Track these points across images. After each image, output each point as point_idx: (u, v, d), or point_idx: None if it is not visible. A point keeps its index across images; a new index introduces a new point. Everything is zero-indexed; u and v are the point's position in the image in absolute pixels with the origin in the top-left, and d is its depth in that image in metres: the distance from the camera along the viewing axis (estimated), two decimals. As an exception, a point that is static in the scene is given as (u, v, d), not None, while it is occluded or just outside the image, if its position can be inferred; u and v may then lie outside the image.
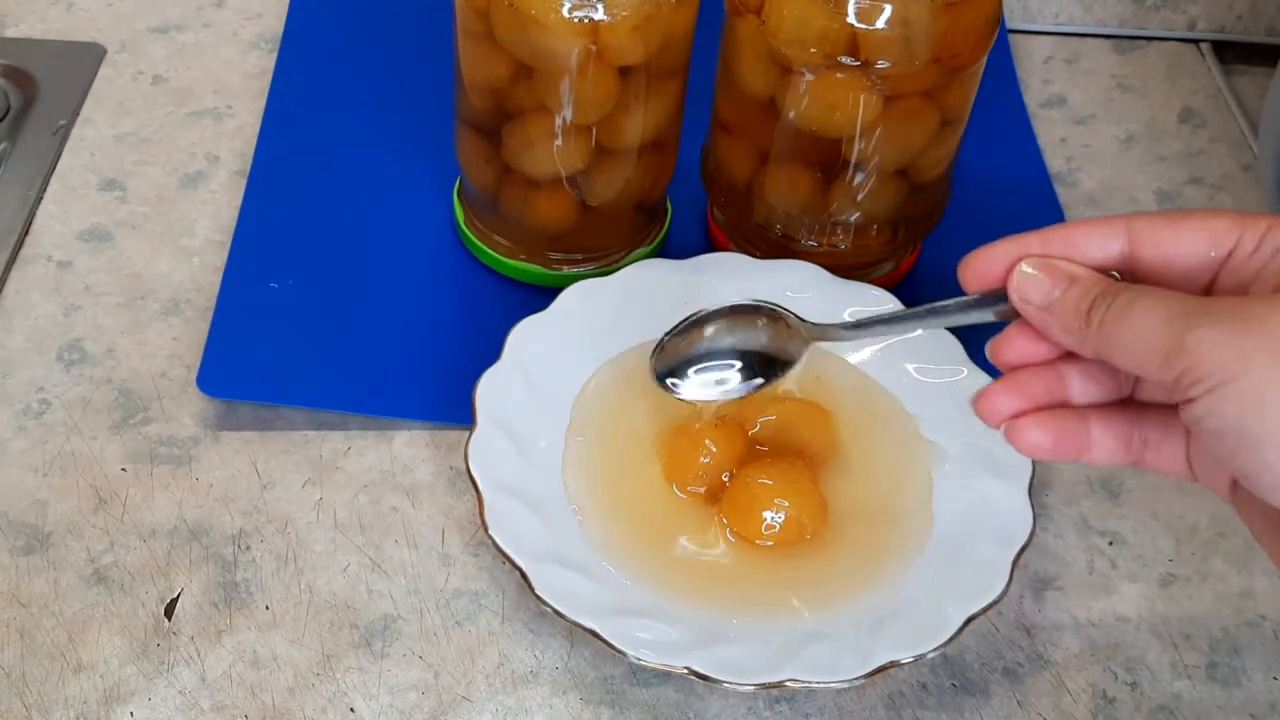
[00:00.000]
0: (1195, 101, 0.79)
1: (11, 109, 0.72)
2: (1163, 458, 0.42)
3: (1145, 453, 0.42)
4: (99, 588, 0.53)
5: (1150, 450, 0.42)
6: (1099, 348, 0.40)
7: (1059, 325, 0.41)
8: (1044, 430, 0.42)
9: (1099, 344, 0.39)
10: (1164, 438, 0.42)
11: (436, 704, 0.50)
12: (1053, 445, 0.42)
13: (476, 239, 0.64)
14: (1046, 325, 0.41)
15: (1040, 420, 0.42)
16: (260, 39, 0.78)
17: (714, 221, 0.67)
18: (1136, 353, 0.38)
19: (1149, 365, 0.38)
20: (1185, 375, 0.37)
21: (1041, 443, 0.42)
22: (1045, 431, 0.42)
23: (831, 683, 0.48)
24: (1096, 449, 0.42)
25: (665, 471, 0.55)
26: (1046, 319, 0.41)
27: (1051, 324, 0.41)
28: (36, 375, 0.60)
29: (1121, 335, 0.39)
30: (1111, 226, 0.42)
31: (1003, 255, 0.42)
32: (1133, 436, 0.42)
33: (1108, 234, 0.41)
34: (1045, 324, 0.41)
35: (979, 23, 0.56)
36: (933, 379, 0.58)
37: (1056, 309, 0.41)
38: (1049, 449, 0.42)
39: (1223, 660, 0.54)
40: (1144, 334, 0.38)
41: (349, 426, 0.59)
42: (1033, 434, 0.42)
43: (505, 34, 0.55)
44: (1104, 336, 0.39)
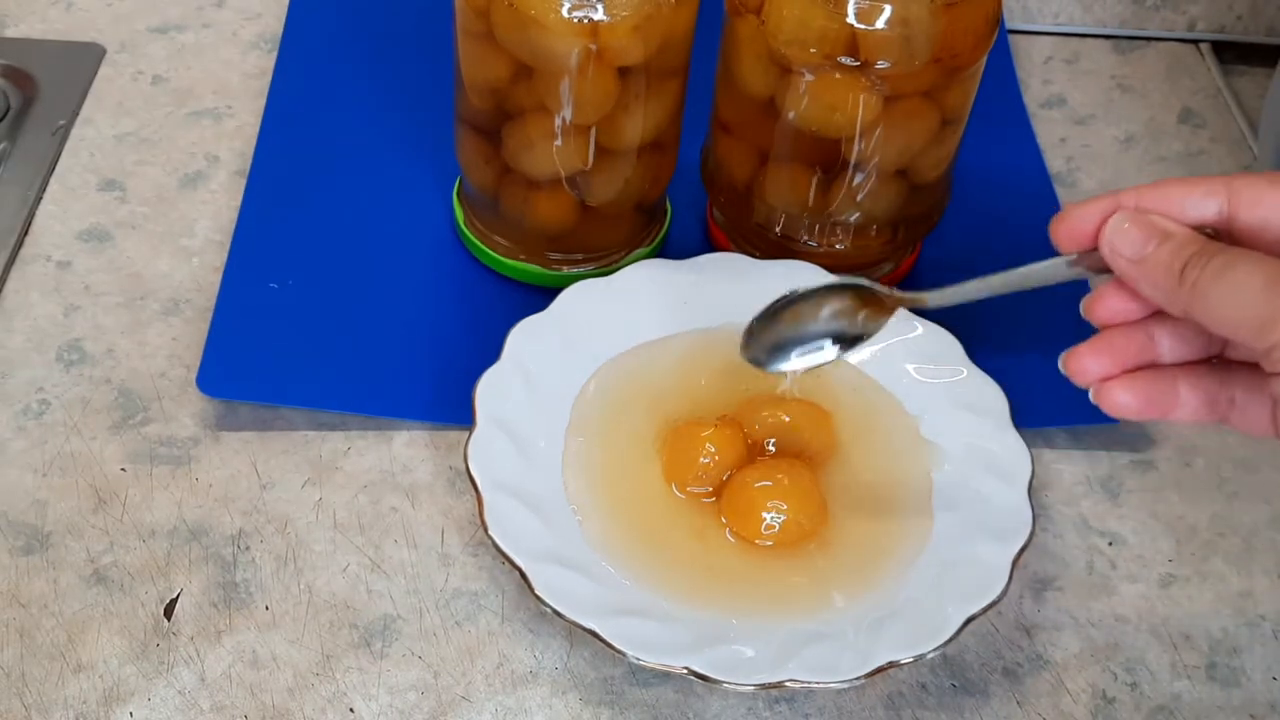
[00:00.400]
0: (1195, 102, 0.79)
1: (11, 109, 0.72)
2: (1248, 418, 0.42)
3: (1231, 412, 0.42)
4: (99, 588, 0.53)
5: (1236, 410, 0.42)
6: (1190, 308, 0.39)
7: (1150, 281, 0.40)
8: (1132, 393, 0.42)
9: (1190, 304, 0.39)
10: (1250, 398, 0.42)
11: (436, 704, 0.50)
12: (1141, 406, 0.42)
13: (476, 239, 0.64)
14: (1137, 281, 0.41)
15: (1127, 382, 0.42)
16: (260, 39, 0.78)
17: (714, 221, 0.67)
18: (1231, 317, 0.38)
19: (1243, 331, 0.38)
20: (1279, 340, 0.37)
21: (1129, 404, 0.42)
22: (1133, 394, 0.42)
23: (831, 683, 0.48)
24: (1182, 408, 0.42)
25: (665, 471, 0.55)
26: (1138, 274, 0.41)
27: (1142, 279, 0.41)
28: (36, 375, 0.60)
29: (1215, 298, 0.38)
30: (1210, 185, 0.41)
31: (1096, 211, 0.42)
32: (1219, 396, 0.42)
33: (1206, 192, 0.41)
34: (1136, 279, 0.41)
35: (979, 23, 0.56)
36: (933, 379, 0.58)
37: (1149, 264, 0.40)
38: (1136, 410, 0.42)
39: (1222, 660, 0.54)
40: (1240, 299, 0.38)
41: (349, 427, 0.59)
42: (1120, 395, 0.42)
43: (505, 34, 0.55)
44: (1196, 297, 0.39)
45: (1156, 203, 0.42)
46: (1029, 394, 0.58)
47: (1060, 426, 0.61)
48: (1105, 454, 0.60)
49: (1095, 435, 0.61)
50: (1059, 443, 0.60)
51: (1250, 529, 0.58)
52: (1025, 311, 0.64)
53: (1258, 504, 0.59)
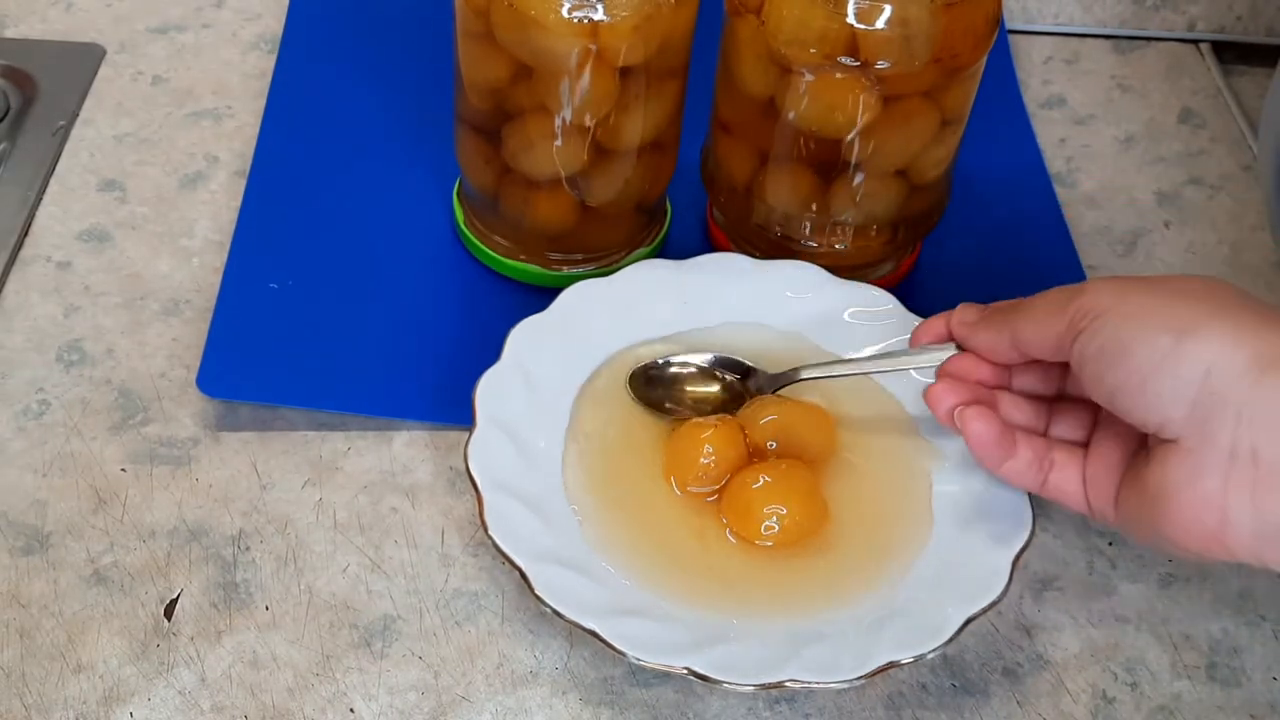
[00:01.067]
0: (1195, 102, 0.79)
1: (11, 109, 0.72)
2: (1063, 478, 0.49)
3: (1052, 472, 0.50)
4: (99, 588, 0.53)
5: (1055, 471, 0.50)
6: (1015, 329, 0.49)
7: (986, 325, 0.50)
8: (985, 422, 0.49)
9: (1015, 326, 0.49)
10: (1067, 462, 0.50)
11: (436, 704, 0.50)
12: (992, 436, 0.49)
13: (476, 239, 0.64)
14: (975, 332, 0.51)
15: (982, 413, 0.49)
16: (260, 39, 0.78)
17: (714, 221, 0.67)
18: (1044, 314, 0.48)
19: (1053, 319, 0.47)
20: (1077, 312, 0.46)
21: (983, 431, 0.49)
22: (986, 424, 0.49)
23: (831, 683, 0.48)
24: (1018, 459, 0.49)
25: (665, 471, 0.55)
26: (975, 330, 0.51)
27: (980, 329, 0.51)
28: (36, 376, 0.60)
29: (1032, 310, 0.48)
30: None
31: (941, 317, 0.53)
32: (1045, 457, 0.50)
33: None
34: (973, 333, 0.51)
35: (978, 23, 0.56)
36: (932, 380, 0.58)
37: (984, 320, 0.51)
38: (988, 438, 0.49)
39: (1222, 660, 0.54)
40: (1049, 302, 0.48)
41: (349, 427, 0.59)
42: (977, 423, 0.49)
43: (505, 34, 0.55)
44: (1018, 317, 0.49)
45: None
46: (1029, 394, 0.58)
47: (1060, 426, 0.61)
48: (1105, 454, 0.60)
49: (1095, 435, 0.61)
50: (1059, 443, 0.60)
51: (1250, 529, 0.58)
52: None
53: (1258, 504, 0.59)
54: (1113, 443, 0.49)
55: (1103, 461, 0.49)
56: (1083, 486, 0.49)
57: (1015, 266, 0.67)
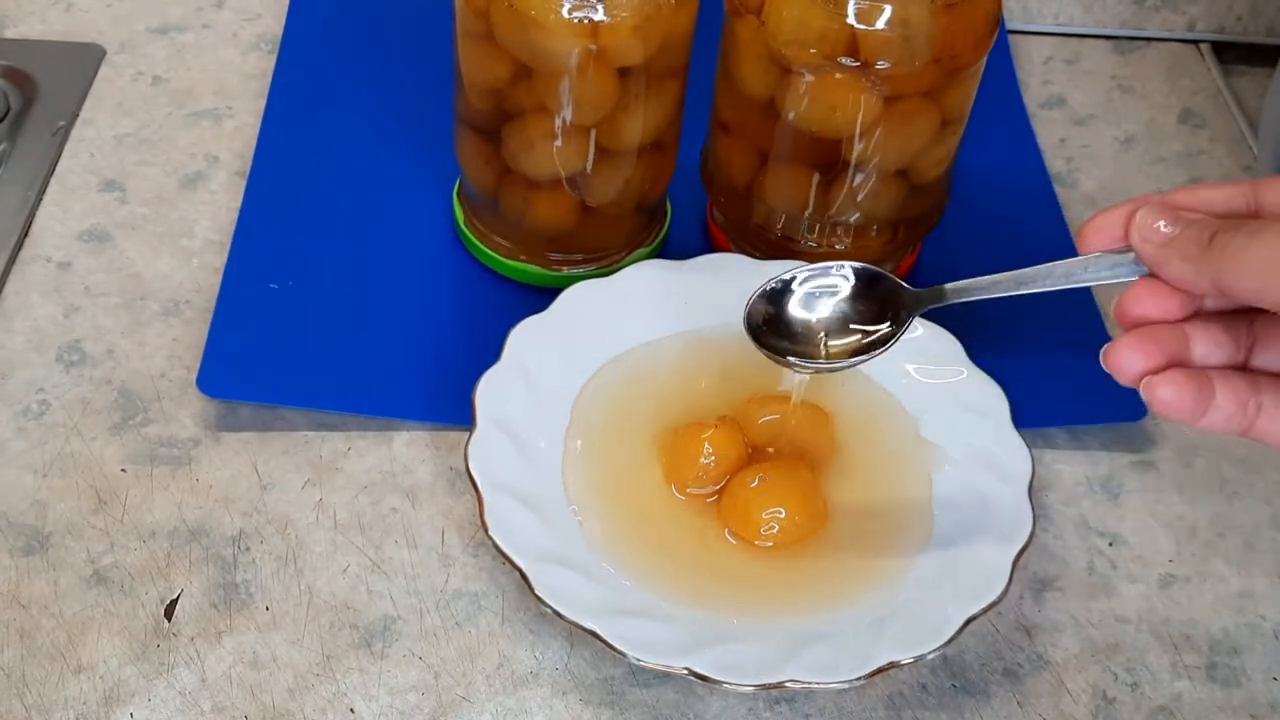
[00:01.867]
0: (1195, 102, 0.79)
1: (11, 110, 0.72)
2: (1276, 424, 0.43)
3: (1259, 418, 0.43)
4: (99, 589, 0.53)
5: (1264, 417, 0.43)
6: (1220, 275, 0.40)
7: (1179, 254, 0.41)
8: (1175, 388, 0.42)
9: (1221, 271, 0.40)
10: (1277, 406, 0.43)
11: (436, 704, 0.50)
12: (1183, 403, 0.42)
13: (476, 239, 0.64)
14: (1166, 260, 0.42)
15: (1171, 378, 0.42)
16: (260, 40, 0.78)
17: (714, 222, 0.67)
18: (1263, 274, 0.38)
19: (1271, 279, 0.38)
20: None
21: (1173, 400, 0.42)
22: (1176, 389, 0.42)
23: (831, 683, 0.48)
24: (1217, 410, 0.43)
25: (665, 472, 0.55)
26: (1167, 254, 0.41)
27: (1171, 257, 0.41)
28: (36, 376, 0.60)
29: (1248, 259, 0.39)
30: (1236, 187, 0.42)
31: (1121, 212, 0.43)
32: (1249, 401, 0.43)
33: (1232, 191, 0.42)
34: (1165, 260, 0.42)
35: (979, 23, 0.56)
36: (933, 379, 0.58)
37: (1178, 241, 0.41)
38: (1179, 406, 0.42)
39: (1223, 661, 0.54)
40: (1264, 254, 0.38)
41: (349, 427, 0.59)
42: (1164, 391, 0.42)
43: (505, 34, 0.55)
44: (1227, 262, 0.39)
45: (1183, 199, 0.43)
46: (1029, 394, 0.58)
47: (1060, 427, 0.61)
48: (1105, 454, 0.60)
49: (1095, 436, 0.61)
50: (1059, 443, 0.60)
51: (1251, 529, 0.58)
52: (1026, 312, 0.64)
53: (1258, 504, 0.59)
54: None
55: None
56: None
57: (1015, 267, 0.67)
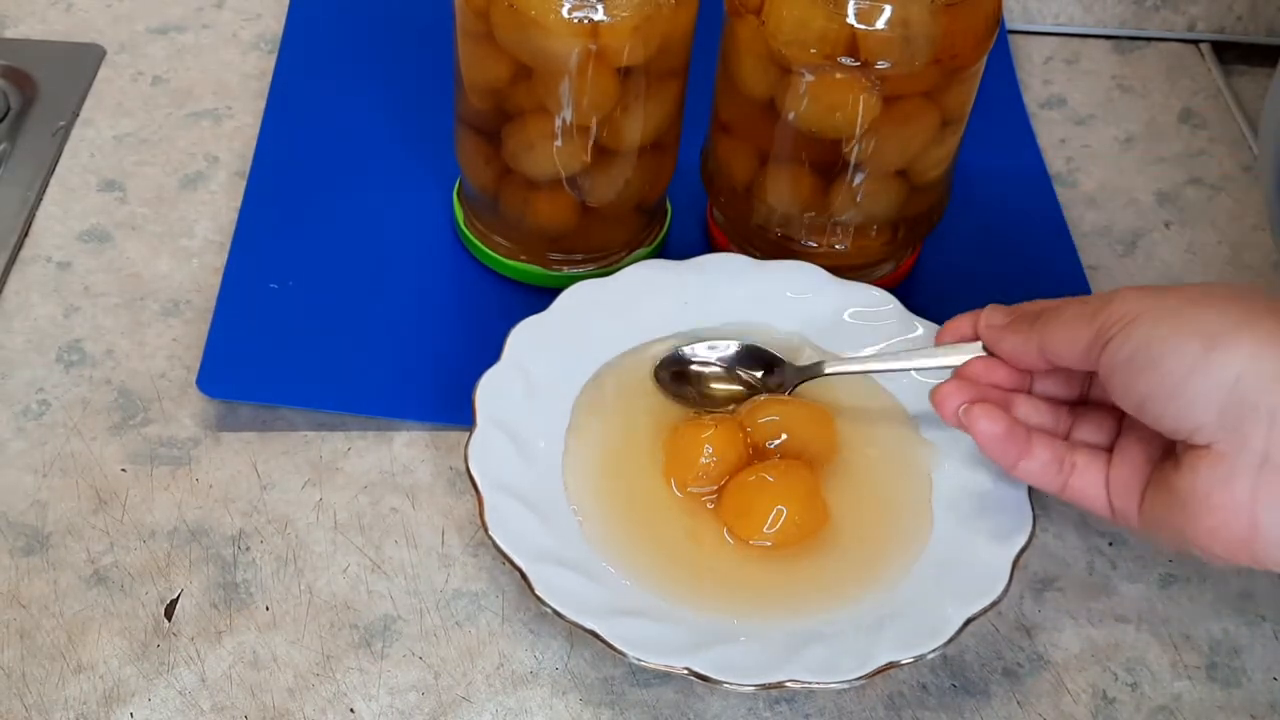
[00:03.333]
0: (1195, 102, 0.79)
1: (11, 110, 0.72)
2: (1085, 481, 0.49)
3: (1073, 476, 0.49)
4: (99, 588, 0.53)
5: (1077, 475, 0.49)
6: (1042, 339, 0.48)
7: (1012, 331, 0.50)
8: (991, 420, 0.49)
9: (1043, 334, 0.48)
10: (1089, 465, 0.49)
11: (436, 704, 0.50)
12: (1000, 434, 0.49)
13: (476, 239, 0.64)
14: (1002, 337, 0.51)
15: (989, 411, 0.49)
16: (260, 40, 0.78)
17: (714, 222, 0.67)
18: (1073, 323, 0.47)
19: (1082, 328, 0.47)
20: (1106, 320, 0.46)
21: (989, 430, 0.49)
22: (993, 421, 0.49)
23: (831, 683, 0.48)
24: (1033, 459, 0.49)
25: (665, 471, 0.55)
26: (1003, 333, 0.51)
27: (1006, 334, 0.50)
28: (36, 376, 0.60)
29: (1061, 318, 0.48)
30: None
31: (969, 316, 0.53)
32: (1065, 459, 0.49)
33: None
34: (1001, 337, 0.51)
35: (979, 23, 0.56)
36: (933, 380, 0.58)
37: (1012, 323, 0.50)
38: (996, 436, 0.49)
39: (1223, 661, 0.54)
40: (1078, 311, 0.47)
41: (349, 427, 0.59)
42: (982, 421, 0.49)
43: (505, 35, 0.55)
44: (1046, 325, 0.48)
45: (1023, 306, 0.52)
46: (1029, 394, 0.58)
47: (1060, 427, 0.61)
48: (1105, 454, 0.60)
49: (1095, 435, 0.61)
50: (1059, 443, 0.60)
51: (1250, 529, 0.58)
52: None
53: (1258, 504, 0.59)
54: (1138, 447, 0.48)
55: (1128, 466, 0.48)
56: (1105, 490, 0.49)
57: (1015, 267, 0.67)
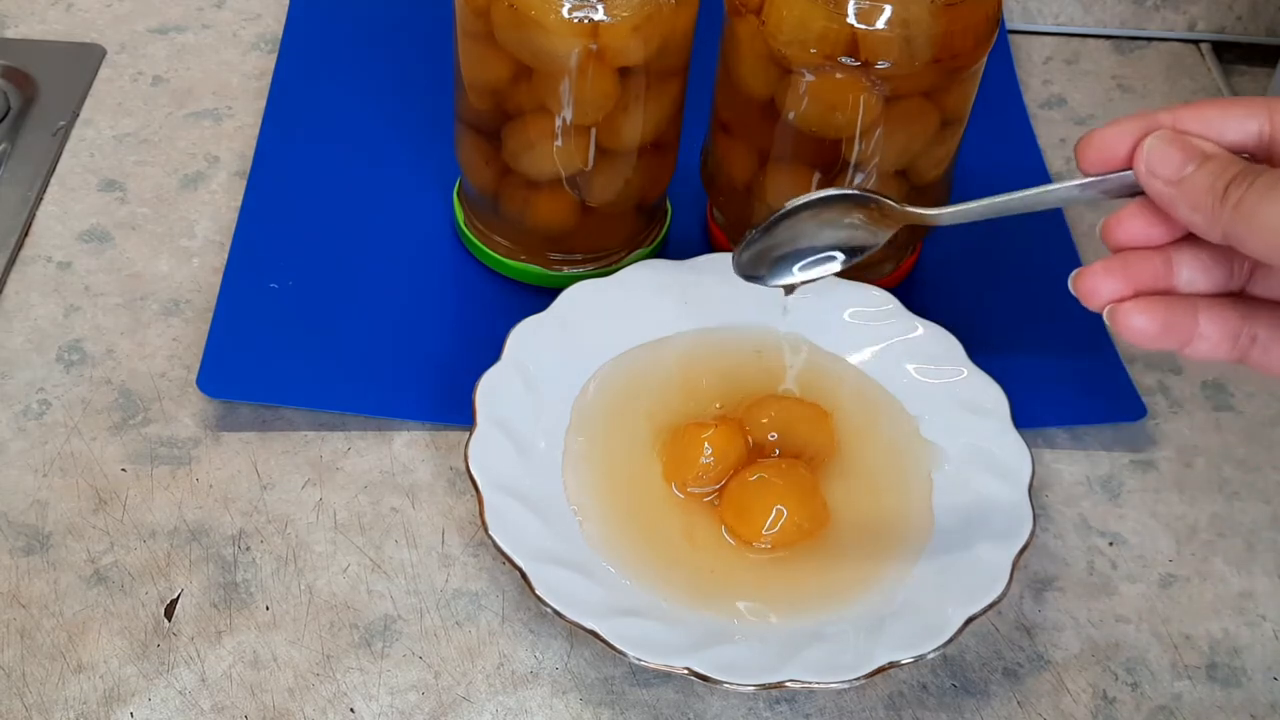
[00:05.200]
0: (1195, 102, 0.79)
1: (11, 110, 0.72)
2: (1271, 357, 0.41)
3: (1252, 350, 0.41)
4: (99, 588, 0.53)
5: (1258, 348, 0.41)
6: (1232, 230, 0.38)
7: (1190, 203, 0.39)
8: (1149, 316, 0.40)
9: (1233, 226, 0.38)
10: (1275, 337, 0.40)
11: (437, 704, 0.50)
12: (1158, 332, 0.40)
13: (476, 239, 0.64)
14: (1174, 202, 0.39)
15: (1145, 305, 0.40)
16: (260, 40, 0.78)
17: (714, 221, 0.67)
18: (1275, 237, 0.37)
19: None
20: None
21: (1146, 329, 0.40)
22: (1151, 317, 0.40)
23: (832, 683, 0.48)
24: (1201, 341, 0.41)
25: (665, 471, 0.55)
26: (1176, 195, 0.39)
27: (1182, 201, 0.39)
28: (36, 376, 0.60)
29: (1262, 217, 0.37)
30: (1251, 105, 0.40)
31: (1128, 131, 0.41)
32: (1241, 332, 0.41)
33: (1246, 113, 0.40)
34: (1173, 201, 0.39)
35: (979, 23, 0.56)
36: (933, 379, 0.58)
37: (1188, 184, 0.39)
38: (1154, 335, 0.40)
39: (1223, 661, 0.54)
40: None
41: (349, 427, 0.59)
42: (1137, 319, 0.40)
43: (505, 34, 0.55)
44: (1240, 217, 0.37)
45: (1193, 124, 0.40)
46: (1029, 394, 0.58)
47: (1060, 426, 0.61)
48: (1105, 454, 0.60)
49: (1095, 435, 0.61)
50: (1059, 443, 0.60)
51: (1251, 529, 0.58)
52: (1026, 311, 0.65)
53: (1258, 504, 0.59)
54: None
55: None
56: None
57: (1015, 266, 0.67)
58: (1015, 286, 0.66)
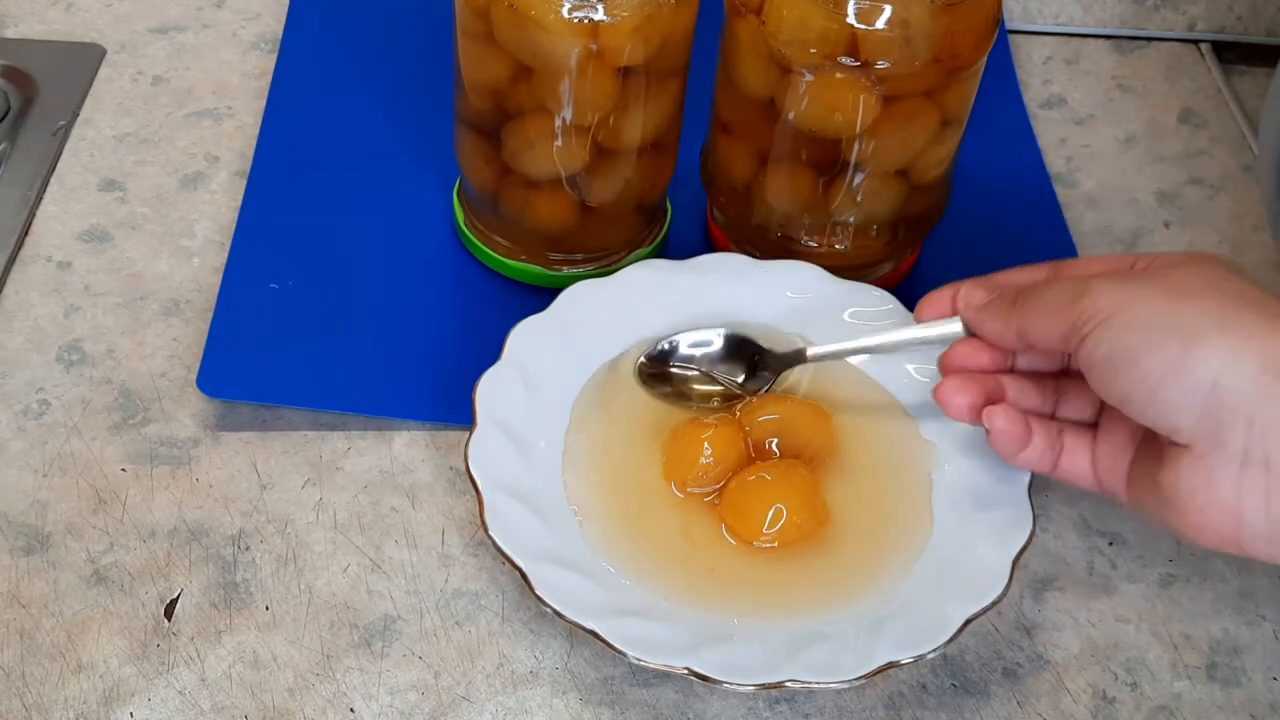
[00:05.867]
0: (1195, 102, 0.79)
1: (11, 109, 0.72)
2: (1073, 462, 0.50)
3: (1061, 457, 0.50)
4: (99, 588, 0.53)
5: (1065, 456, 0.50)
6: (1021, 324, 0.48)
7: (991, 314, 0.50)
8: (1008, 419, 0.49)
9: (1021, 320, 0.48)
10: (1076, 444, 0.50)
11: (436, 704, 0.50)
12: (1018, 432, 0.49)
13: (476, 239, 0.64)
14: (982, 320, 0.50)
15: (1004, 410, 0.50)
16: (260, 39, 0.78)
17: (714, 221, 0.67)
18: (1049, 312, 0.47)
19: (1058, 319, 0.46)
20: (1081, 315, 0.45)
21: (1006, 428, 0.49)
22: (1009, 420, 0.49)
23: (831, 683, 0.48)
24: (1031, 449, 0.50)
25: (665, 471, 0.55)
26: (982, 316, 0.50)
27: (985, 318, 0.50)
28: (36, 376, 0.60)
29: (1038, 305, 0.48)
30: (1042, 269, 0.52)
31: (947, 292, 0.52)
32: (1055, 442, 0.50)
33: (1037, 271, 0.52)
34: (981, 320, 0.51)
35: (979, 23, 0.56)
36: (932, 380, 0.58)
37: (990, 305, 0.50)
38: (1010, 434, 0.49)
39: (1223, 661, 0.54)
40: (1054, 298, 0.47)
41: (349, 427, 0.59)
42: (1000, 420, 0.49)
43: (505, 34, 0.55)
44: (1025, 312, 0.48)
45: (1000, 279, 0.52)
46: (1029, 394, 0.58)
47: (1060, 426, 0.61)
48: (1105, 454, 0.60)
49: (1095, 435, 0.61)
50: (1059, 443, 0.60)
51: (1250, 529, 0.58)
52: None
53: (1258, 504, 0.59)
54: (1120, 424, 0.49)
55: (1112, 443, 0.49)
56: (1093, 469, 0.50)
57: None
58: (1015, 286, 0.66)
